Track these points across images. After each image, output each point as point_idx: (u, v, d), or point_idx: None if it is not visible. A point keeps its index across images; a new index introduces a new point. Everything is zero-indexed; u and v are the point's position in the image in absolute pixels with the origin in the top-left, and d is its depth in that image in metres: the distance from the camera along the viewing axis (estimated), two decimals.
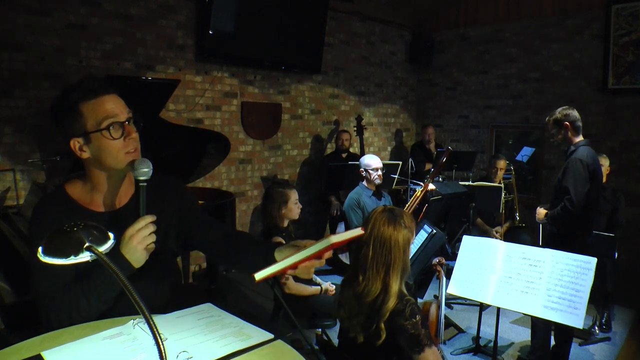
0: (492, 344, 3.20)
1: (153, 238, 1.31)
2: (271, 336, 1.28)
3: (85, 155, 1.35)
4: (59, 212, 1.35)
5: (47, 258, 1.01)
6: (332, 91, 6.14)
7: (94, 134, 1.31)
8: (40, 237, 1.30)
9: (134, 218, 1.33)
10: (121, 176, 1.43)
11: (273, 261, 1.33)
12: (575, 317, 2.24)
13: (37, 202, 1.45)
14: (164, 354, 0.86)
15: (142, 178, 1.31)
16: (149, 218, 1.31)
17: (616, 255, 3.76)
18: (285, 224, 3.06)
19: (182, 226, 1.57)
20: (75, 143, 1.34)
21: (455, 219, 4.42)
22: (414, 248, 2.82)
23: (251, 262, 1.48)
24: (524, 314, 2.49)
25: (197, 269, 4.84)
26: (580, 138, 3.07)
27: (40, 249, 1.03)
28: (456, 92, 6.97)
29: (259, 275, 1.23)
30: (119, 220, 1.40)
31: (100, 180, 1.40)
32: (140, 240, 1.27)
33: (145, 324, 0.91)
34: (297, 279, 2.98)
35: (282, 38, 5.13)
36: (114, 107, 1.34)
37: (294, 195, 3.04)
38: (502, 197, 4.54)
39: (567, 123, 3.03)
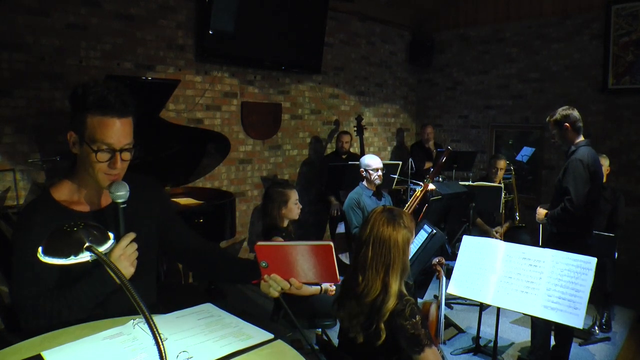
0: (492, 344, 3.20)
1: (137, 254, 1.37)
2: (271, 336, 1.28)
3: (75, 151, 1.38)
4: (43, 217, 1.36)
5: (47, 258, 1.02)
6: (332, 91, 6.14)
7: (85, 144, 1.33)
8: (24, 243, 1.32)
9: (115, 220, 1.37)
10: None
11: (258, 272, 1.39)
12: (575, 317, 2.24)
13: (22, 209, 1.45)
14: (164, 354, 0.86)
15: (119, 201, 1.35)
16: (132, 235, 1.36)
17: (616, 255, 3.76)
18: (285, 224, 3.06)
19: (162, 227, 1.60)
20: (71, 136, 1.37)
21: (455, 219, 4.42)
22: (414, 248, 2.82)
23: (236, 272, 1.61)
24: (524, 314, 2.49)
25: None
26: (580, 138, 3.06)
27: (40, 249, 1.03)
28: (456, 92, 6.97)
29: (261, 242, 1.32)
30: (103, 219, 1.42)
31: (85, 178, 1.42)
32: (128, 257, 1.33)
33: (145, 324, 0.91)
34: None
35: (282, 38, 5.12)
36: (115, 133, 1.33)
37: (294, 195, 3.04)
38: (502, 197, 4.54)
39: (567, 124, 3.02)
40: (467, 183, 4.67)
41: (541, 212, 3.23)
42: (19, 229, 1.41)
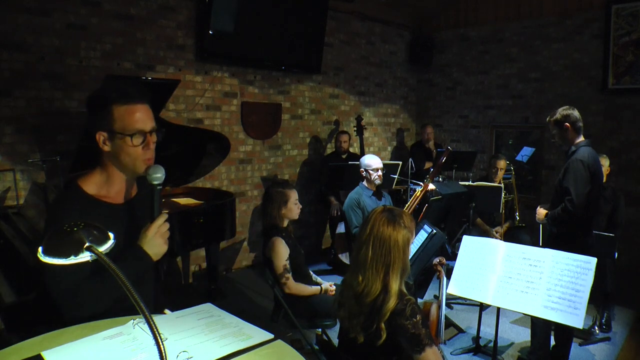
0: (492, 344, 3.20)
1: (169, 234, 1.48)
2: (271, 336, 1.28)
3: (107, 148, 1.45)
4: (76, 208, 1.41)
5: (47, 258, 1.02)
6: (332, 91, 6.14)
7: (118, 135, 1.41)
8: None
9: (143, 210, 1.49)
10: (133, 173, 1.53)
11: None
12: (575, 317, 2.24)
13: (53, 201, 1.52)
14: (164, 354, 0.86)
15: (155, 182, 1.45)
16: (165, 215, 1.47)
17: (616, 255, 3.76)
18: (285, 224, 3.06)
19: None
20: (100, 136, 1.44)
21: (455, 219, 4.42)
22: (414, 248, 2.82)
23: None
24: (524, 314, 2.49)
25: (197, 269, 4.85)
26: (581, 138, 3.05)
27: (40, 248, 1.03)
28: (456, 92, 6.97)
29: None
30: (131, 211, 1.52)
31: (115, 173, 1.50)
32: (162, 235, 1.45)
33: (145, 324, 0.91)
34: (296, 278, 2.98)
35: (282, 38, 5.12)
36: (142, 116, 1.44)
37: (293, 195, 3.04)
38: (502, 197, 4.54)
39: (567, 124, 3.01)
40: (467, 183, 4.67)
41: (541, 212, 3.22)
42: (52, 221, 1.44)
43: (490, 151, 6.53)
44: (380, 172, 3.80)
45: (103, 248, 1.05)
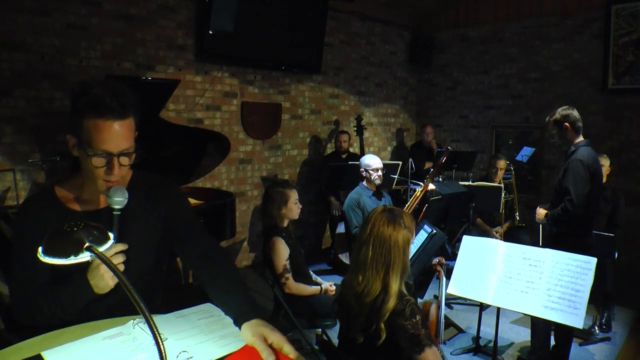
0: (492, 344, 3.20)
1: (121, 268, 1.27)
2: None
3: (75, 154, 1.34)
4: (38, 211, 1.36)
5: (47, 258, 1.01)
6: (332, 91, 6.14)
7: (83, 146, 1.28)
8: (20, 237, 1.35)
9: (109, 225, 1.29)
10: None
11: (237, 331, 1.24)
12: (575, 317, 2.24)
13: (23, 201, 1.46)
14: (164, 354, 0.86)
15: (116, 207, 1.30)
16: (120, 247, 1.28)
17: (616, 255, 3.76)
18: (285, 223, 3.06)
19: (168, 229, 1.52)
20: (70, 139, 1.33)
21: (455, 219, 4.42)
22: (414, 248, 2.82)
23: (225, 307, 1.34)
24: (524, 314, 2.48)
25: None
26: (580, 138, 3.05)
27: (40, 249, 1.03)
28: (456, 92, 6.97)
29: None
30: (98, 221, 1.35)
31: (86, 179, 1.39)
32: (107, 270, 1.25)
33: (145, 324, 0.91)
34: (297, 278, 2.99)
35: (282, 38, 5.12)
36: (112, 137, 1.26)
37: (294, 195, 3.04)
38: (502, 197, 4.54)
39: (567, 124, 3.02)
40: (467, 183, 4.67)
41: (541, 212, 3.22)
42: (17, 222, 1.44)
43: (490, 151, 6.53)
44: (380, 172, 3.79)
45: (103, 248, 1.05)
